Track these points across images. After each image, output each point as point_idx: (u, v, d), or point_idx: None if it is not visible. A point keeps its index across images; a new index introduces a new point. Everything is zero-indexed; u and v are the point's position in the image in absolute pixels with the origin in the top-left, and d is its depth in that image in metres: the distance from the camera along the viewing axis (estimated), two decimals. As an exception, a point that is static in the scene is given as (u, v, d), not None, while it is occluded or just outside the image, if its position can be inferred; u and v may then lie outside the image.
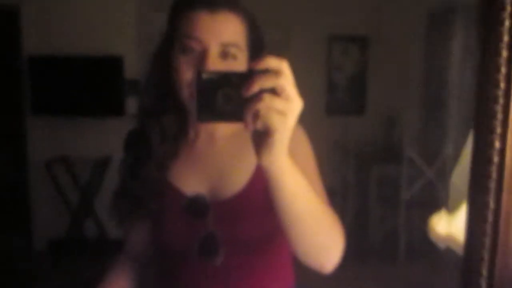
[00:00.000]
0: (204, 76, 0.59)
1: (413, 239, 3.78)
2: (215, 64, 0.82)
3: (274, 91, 0.57)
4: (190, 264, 0.93)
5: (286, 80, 0.58)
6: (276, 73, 0.57)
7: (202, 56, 0.83)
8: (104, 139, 3.48)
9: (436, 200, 3.66)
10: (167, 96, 0.92)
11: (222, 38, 0.83)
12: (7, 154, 3.80)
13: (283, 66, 0.58)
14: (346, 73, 4.53)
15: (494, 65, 0.53)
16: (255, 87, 0.57)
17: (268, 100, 0.57)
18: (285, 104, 0.58)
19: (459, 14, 3.81)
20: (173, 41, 0.88)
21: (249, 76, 0.58)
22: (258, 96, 0.57)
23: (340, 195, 4.08)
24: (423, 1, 4.11)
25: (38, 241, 3.85)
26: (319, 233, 0.75)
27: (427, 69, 4.32)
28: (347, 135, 4.25)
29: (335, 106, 4.47)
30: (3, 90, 3.80)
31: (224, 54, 0.84)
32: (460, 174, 0.89)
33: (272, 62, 0.58)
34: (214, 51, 0.83)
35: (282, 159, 0.62)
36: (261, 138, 0.60)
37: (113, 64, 3.60)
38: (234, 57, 0.85)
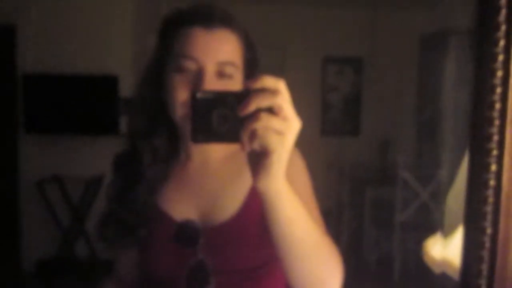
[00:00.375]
0: (199, 95, 0.58)
1: (408, 261, 3.74)
2: (211, 83, 0.79)
3: (271, 111, 0.56)
4: None
5: (284, 99, 0.56)
6: (273, 92, 0.56)
7: (198, 75, 0.80)
8: (98, 157, 3.45)
9: (430, 223, 3.64)
10: (159, 116, 0.88)
11: (219, 57, 0.81)
12: (-1, 173, 3.75)
13: (280, 85, 0.57)
14: (341, 94, 4.56)
15: (489, 85, 0.53)
16: (252, 107, 0.56)
17: (265, 120, 0.56)
18: (283, 123, 0.56)
19: (452, 37, 3.86)
20: (166, 59, 0.85)
21: (245, 95, 0.57)
22: (255, 115, 0.56)
23: (335, 216, 4.06)
24: (416, 24, 4.16)
25: (28, 261, 3.77)
26: (316, 263, 0.71)
27: (421, 90, 4.35)
28: (342, 156, 4.25)
29: (330, 127, 4.48)
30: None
31: (220, 73, 0.81)
32: (455, 197, 0.87)
33: (268, 81, 0.57)
34: (210, 70, 0.80)
35: (280, 181, 0.60)
36: (258, 159, 0.58)
37: (108, 83, 3.60)
38: (230, 77, 0.82)
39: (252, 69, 0.89)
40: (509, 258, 0.52)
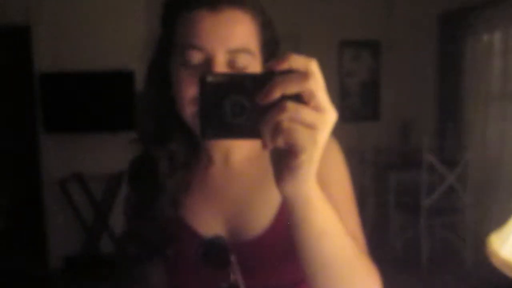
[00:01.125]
0: (210, 79, 0.47)
1: (435, 246, 3.66)
2: None
3: (300, 99, 0.45)
4: None
5: (316, 84, 0.45)
6: (303, 75, 0.45)
7: (206, 67, 0.67)
8: (118, 154, 3.45)
9: (458, 206, 3.55)
10: (172, 117, 0.75)
11: (230, 43, 0.67)
12: (20, 173, 3.79)
13: (312, 66, 0.45)
14: (358, 79, 4.46)
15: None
16: (276, 93, 0.45)
17: (292, 110, 0.44)
18: (315, 115, 0.45)
19: (471, 13, 3.73)
20: (169, 50, 0.73)
21: (267, 79, 0.45)
22: (279, 105, 0.45)
23: (358, 203, 3.99)
24: (433, 2, 4.03)
25: (55, 259, 3.82)
26: (350, 285, 0.59)
27: (441, 70, 4.23)
28: (363, 142, 4.17)
29: (349, 113, 4.40)
30: (16, 108, 3.82)
31: (233, 63, 0.68)
32: None
33: (297, 60, 0.45)
34: (220, 60, 0.67)
35: (309, 187, 0.49)
36: (283, 160, 0.48)
37: (124, 78, 3.59)
38: (246, 67, 0.69)
39: (271, 54, 0.75)
40: None
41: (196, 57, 0.68)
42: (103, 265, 3.62)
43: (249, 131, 0.47)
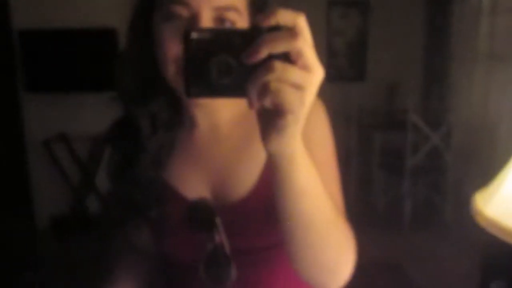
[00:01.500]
0: (195, 36, 0.45)
1: (418, 207, 3.75)
2: None
3: (287, 57, 0.44)
4: (199, 281, 0.76)
5: (304, 42, 0.44)
6: (291, 32, 0.43)
7: (192, 23, 0.65)
8: (102, 114, 3.40)
9: (442, 166, 3.61)
10: (153, 75, 0.73)
11: (216, 0, 0.65)
12: (3, 133, 3.74)
13: (301, 22, 0.44)
14: (345, 38, 4.41)
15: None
16: (263, 52, 0.43)
17: (280, 70, 0.43)
18: (303, 74, 0.44)
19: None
20: (151, 5, 0.70)
21: (254, 35, 0.44)
22: (266, 64, 0.44)
23: (343, 163, 4.03)
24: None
25: (41, 219, 3.83)
26: (326, 246, 0.60)
27: (429, 31, 4.20)
28: (348, 103, 4.17)
29: (336, 72, 4.37)
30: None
31: (219, 21, 0.66)
32: None
33: (285, 15, 0.44)
34: (206, 17, 0.65)
35: (294, 146, 0.50)
36: (270, 119, 0.47)
37: (107, 36, 3.49)
38: (233, 24, 0.67)
39: (259, 12, 0.72)
40: None
41: (181, 13, 0.65)
42: (89, 225, 3.65)
43: (235, 90, 0.46)
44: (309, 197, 0.55)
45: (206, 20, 0.65)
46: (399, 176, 3.63)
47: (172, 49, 0.66)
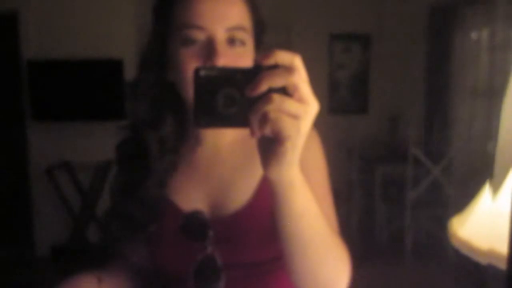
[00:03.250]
0: (203, 73, 0.51)
1: (420, 239, 3.72)
2: (224, 53, 0.71)
3: (285, 91, 0.49)
4: None
5: (300, 77, 0.49)
6: (288, 69, 0.49)
7: (209, 45, 0.71)
8: (106, 143, 3.43)
9: (443, 199, 3.60)
10: (164, 101, 0.80)
11: (228, 22, 0.72)
12: (7, 161, 3.76)
13: (296, 61, 0.50)
14: (348, 71, 4.48)
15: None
16: (263, 86, 0.49)
17: (278, 102, 0.48)
18: (299, 106, 0.49)
19: (461, 10, 3.76)
20: (167, 33, 0.76)
21: (255, 73, 0.50)
22: (266, 96, 0.49)
23: (345, 196, 4.03)
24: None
25: (41, 248, 3.81)
26: (323, 264, 0.64)
27: (430, 66, 4.26)
28: (351, 135, 4.20)
29: (338, 105, 4.42)
30: (3, 96, 3.77)
31: (232, 40, 0.73)
32: (504, 144, 0.71)
33: (283, 56, 0.49)
34: (220, 38, 0.72)
35: (293, 172, 0.54)
36: (270, 147, 0.51)
37: (113, 67, 3.57)
38: (243, 43, 0.74)
39: (260, 33, 0.81)
40: None
41: (198, 36, 0.72)
42: (89, 254, 3.62)
43: (239, 121, 0.51)
44: (307, 219, 0.59)
45: (221, 41, 0.72)
46: (400, 209, 3.62)
47: (192, 71, 0.71)
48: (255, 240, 0.78)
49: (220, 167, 0.84)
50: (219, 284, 0.78)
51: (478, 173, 3.55)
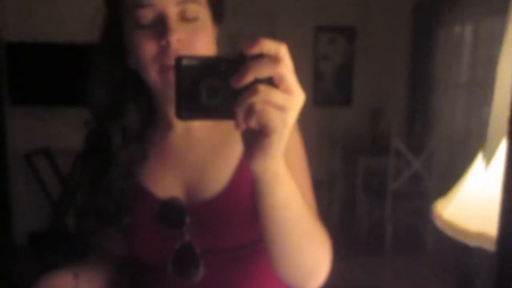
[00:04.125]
0: (184, 62, 0.49)
1: (400, 230, 3.78)
2: (177, 30, 0.69)
3: (271, 82, 0.47)
4: (167, 281, 0.79)
5: (286, 68, 0.47)
6: (274, 59, 0.47)
7: (161, 23, 0.69)
8: (85, 129, 3.38)
9: (423, 191, 3.66)
10: (126, 88, 0.78)
11: None
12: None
13: (282, 51, 0.48)
14: (333, 63, 4.49)
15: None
16: (249, 77, 0.47)
17: (264, 93, 0.47)
18: (285, 97, 0.48)
19: (445, 5, 3.79)
20: (119, 16, 0.74)
21: (240, 62, 0.47)
22: (252, 87, 0.47)
23: (327, 186, 4.06)
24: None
25: (19, 235, 3.75)
26: (306, 252, 0.64)
27: (413, 59, 4.30)
28: (334, 126, 4.22)
29: (322, 97, 4.43)
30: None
31: (184, 16, 0.71)
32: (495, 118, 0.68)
33: (268, 45, 0.47)
34: (172, 13, 0.69)
35: (278, 163, 0.53)
36: (255, 139, 0.50)
37: (90, 52, 3.50)
38: (196, 18, 0.72)
39: (218, 5, 0.78)
40: None
41: (148, 15, 0.70)
42: (68, 241, 3.58)
43: (223, 112, 0.49)
44: (291, 208, 0.59)
45: (173, 17, 0.70)
46: (381, 200, 3.66)
47: (149, 51, 0.70)
48: (234, 225, 0.77)
49: (194, 151, 0.82)
50: (198, 271, 0.77)
51: (459, 166, 3.61)
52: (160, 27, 0.69)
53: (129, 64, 0.76)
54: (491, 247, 0.62)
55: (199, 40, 0.72)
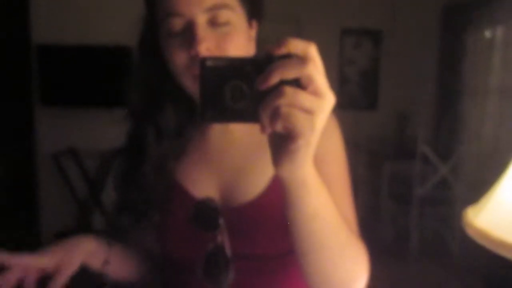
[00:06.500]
0: (209, 64, 0.47)
1: (426, 237, 3.70)
2: (206, 37, 0.67)
3: (298, 83, 0.45)
4: (196, 283, 0.77)
5: (315, 69, 0.45)
6: (302, 59, 0.44)
7: (190, 32, 0.68)
8: (114, 130, 3.43)
9: (450, 198, 3.57)
10: (163, 90, 0.78)
11: (205, 2, 0.67)
12: (15, 146, 3.77)
13: (311, 51, 0.45)
14: (358, 67, 4.44)
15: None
16: (275, 78, 0.44)
17: (291, 95, 0.44)
18: (313, 100, 0.45)
19: (474, 8, 3.71)
20: (155, 23, 0.73)
21: (266, 63, 0.45)
22: (278, 89, 0.44)
23: (352, 192, 4.01)
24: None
25: (46, 234, 3.83)
26: (338, 266, 0.61)
27: (441, 63, 4.22)
28: (359, 130, 4.17)
29: (347, 100, 4.38)
30: (12, 80, 3.77)
31: (214, 22, 0.69)
32: None
33: (296, 45, 0.45)
34: (200, 21, 0.67)
35: (306, 170, 0.50)
36: (281, 144, 0.48)
37: (123, 54, 3.55)
38: (228, 23, 0.69)
39: (255, 8, 0.75)
40: None
41: (179, 24, 0.69)
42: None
43: (248, 115, 0.47)
44: (321, 219, 0.56)
45: (201, 24, 0.68)
46: (407, 206, 3.59)
47: (181, 59, 0.70)
48: (267, 233, 0.75)
49: (232, 152, 0.81)
50: (229, 275, 0.75)
51: (488, 173, 3.51)
52: (189, 36, 0.68)
53: (167, 67, 0.76)
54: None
55: (230, 45, 0.70)
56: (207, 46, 0.68)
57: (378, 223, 3.97)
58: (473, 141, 3.67)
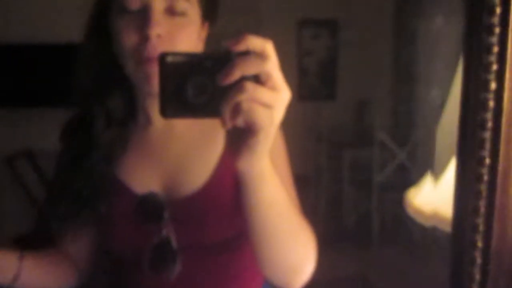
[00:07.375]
0: (169, 59, 0.48)
1: (387, 222, 3.81)
2: (160, 23, 0.68)
3: (257, 79, 0.47)
4: (143, 276, 0.78)
5: (273, 65, 0.47)
6: (261, 56, 0.47)
7: (144, 15, 0.68)
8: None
9: (408, 183, 3.69)
10: (111, 72, 0.76)
11: None
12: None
13: (268, 48, 0.47)
14: (317, 58, 4.49)
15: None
16: (236, 74, 0.46)
17: (251, 90, 0.46)
18: (272, 95, 0.47)
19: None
20: (107, 2, 0.73)
21: (226, 59, 0.47)
22: (239, 85, 0.46)
23: (313, 180, 4.07)
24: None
25: (2, 239, 3.69)
26: (291, 249, 0.65)
27: (397, 52, 4.33)
28: (319, 120, 4.23)
29: (306, 91, 4.43)
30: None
31: (171, 10, 0.70)
32: (446, 127, 0.75)
33: (255, 42, 0.47)
34: (158, 7, 0.69)
35: (264, 162, 0.53)
36: (241, 137, 0.50)
37: (72, 52, 3.45)
38: (184, 13, 0.71)
39: (210, 8, 0.77)
40: (510, 192, 0.44)
41: (133, 4, 0.69)
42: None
43: (209, 111, 0.48)
44: (276, 206, 0.59)
45: (158, 10, 0.68)
46: (367, 193, 3.68)
47: (129, 40, 0.70)
48: (214, 221, 0.77)
49: (173, 145, 0.81)
50: (175, 267, 0.76)
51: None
52: (143, 17, 0.68)
53: (114, 50, 0.75)
54: (445, 227, 0.65)
55: (181, 37, 0.71)
56: (159, 32, 0.68)
57: (340, 209, 4.05)
58: (428, 126, 3.80)
